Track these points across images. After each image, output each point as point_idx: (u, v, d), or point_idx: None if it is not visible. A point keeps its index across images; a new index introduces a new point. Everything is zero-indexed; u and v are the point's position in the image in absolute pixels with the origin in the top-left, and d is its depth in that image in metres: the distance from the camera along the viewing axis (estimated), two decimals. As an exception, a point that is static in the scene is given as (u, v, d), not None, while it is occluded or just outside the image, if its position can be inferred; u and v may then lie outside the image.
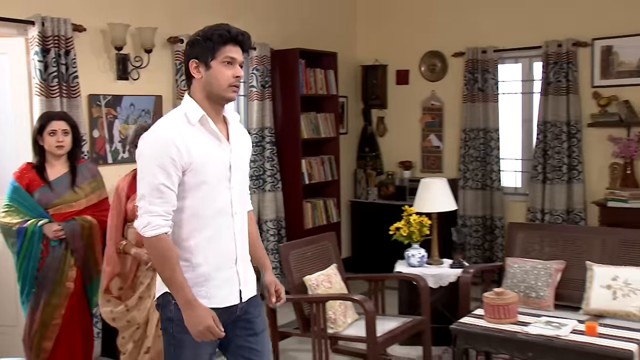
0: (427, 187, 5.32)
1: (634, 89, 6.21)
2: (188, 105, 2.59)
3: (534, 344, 3.80)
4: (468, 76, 6.95)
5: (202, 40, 2.55)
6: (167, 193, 2.48)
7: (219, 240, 2.60)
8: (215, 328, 2.51)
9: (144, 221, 2.49)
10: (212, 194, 2.57)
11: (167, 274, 2.51)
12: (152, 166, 2.48)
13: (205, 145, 2.56)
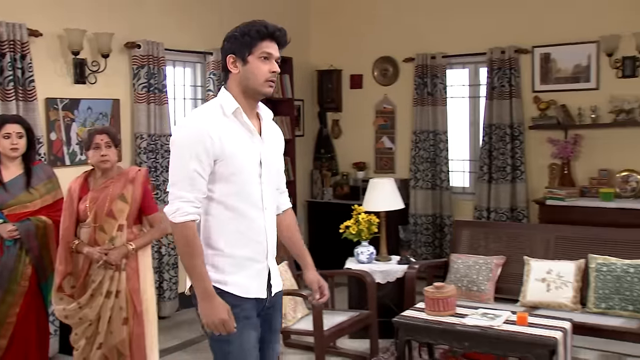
0: (375, 187, 5.41)
1: (570, 94, 6.38)
2: (224, 98, 2.56)
3: (470, 334, 3.90)
4: (418, 81, 7.06)
5: (239, 35, 2.54)
6: (198, 180, 2.46)
7: (250, 233, 2.56)
8: (229, 322, 2.46)
9: (174, 207, 2.46)
10: (243, 186, 2.53)
11: (190, 261, 2.47)
12: (185, 153, 2.46)
13: (237, 137, 2.53)
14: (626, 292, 4.56)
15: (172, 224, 2.48)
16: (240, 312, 2.53)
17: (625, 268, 4.63)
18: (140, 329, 3.79)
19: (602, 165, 6.25)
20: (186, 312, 6.17)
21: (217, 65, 6.38)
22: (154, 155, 5.84)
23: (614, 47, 6.12)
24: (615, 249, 4.80)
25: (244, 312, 2.55)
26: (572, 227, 5.20)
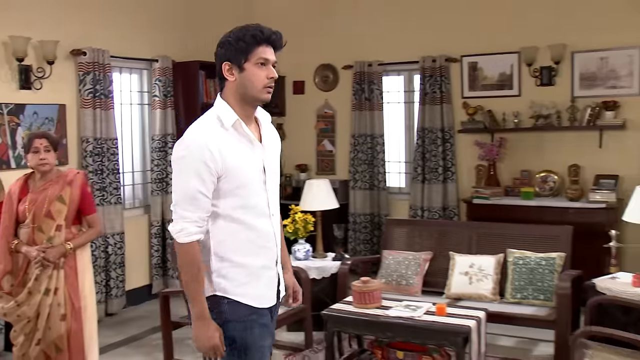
0: (311, 188, 5.52)
1: (496, 100, 6.61)
2: (221, 109, 2.41)
3: (392, 324, 4.03)
4: (356, 87, 7.20)
5: (234, 41, 2.38)
6: (201, 200, 2.33)
7: (260, 241, 2.46)
8: (220, 348, 2.36)
9: (178, 227, 2.35)
10: (250, 197, 2.41)
11: (191, 283, 2.36)
12: (187, 172, 2.32)
13: (239, 150, 2.39)
14: (538, 283, 4.77)
15: (177, 244, 2.37)
16: (257, 318, 2.45)
17: (538, 261, 4.84)
18: (78, 325, 3.81)
19: (524, 167, 6.49)
20: (133, 310, 6.20)
21: (163, 72, 6.42)
22: (99, 158, 5.84)
23: (532, 57, 6.36)
24: (531, 244, 5.00)
25: (262, 319, 2.47)
26: (493, 224, 5.39)
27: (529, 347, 4.96)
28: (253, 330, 2.42)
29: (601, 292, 4.44)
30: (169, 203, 6.51)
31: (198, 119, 2.46)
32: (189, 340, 5.10)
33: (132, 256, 6.28)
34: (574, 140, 6.29)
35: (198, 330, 2.36)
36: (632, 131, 6.08)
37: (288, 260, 2.80)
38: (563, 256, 4.85)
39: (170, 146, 6.50)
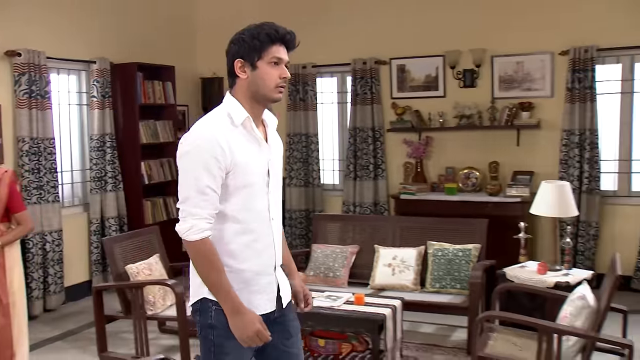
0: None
1: (422, 101, 6.81)
2: (232, 106, 2.31)
3: (313, 314, 4.10)
4: (291, 87, 7.30)
5: (248, 39, 2.28)
6: (211, 195, 2.20)
7: (259, 245, 2.34)
8: (263, 332, 2.25)
9: (187, 225, 2.21)
10: (253, 198, 2.31)
11: (214, 279, 2.23)
12: (196, 167, 2.19)
13: (247, 148, 2.29)
14: (455, 273, 4.96)
15: (187, 243, 2.23)
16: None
17: (455, 252, 5.04)
18: (6, 320, 3.82)
19: (449, 164, 6.70)
20: (72, 305, 6.18)
21: (101, 73, 6.41)
22: (36, 157, 5.80)
23: (456, 60, 6.58)
24: (449, 236, 5.20)
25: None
26: (416, 218, 5.57)
27: (447, 333, 5.15)
28: (233, 340, 2.28)
29: (510, 280, 4.67)
30: (108, 200, 6.54)
31: (206, 115, 2.34)
32: (123, 334, 5.16)
33: (71, 253, 6.25)
34: (494, 138, 6.54)
35: (237, 322, 2.24)
36: (545, 130, 6.36)
37: (293, 265, 2.66)
38: (478, 247, 5.06)
39: (108, 145, 6.50)
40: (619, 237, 6.24)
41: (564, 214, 4.68)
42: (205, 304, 2.31)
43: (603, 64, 6.24)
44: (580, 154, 6.17)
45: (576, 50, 6.10)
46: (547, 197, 4.67)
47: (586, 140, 6.15)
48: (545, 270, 4.62)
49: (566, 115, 6.17)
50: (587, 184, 6.15)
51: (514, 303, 4.74)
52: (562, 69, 6.25)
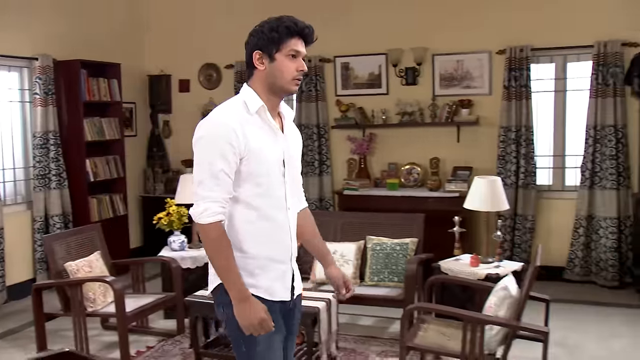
0: (185, 181, 5.62)
1: (366, 98, 6.92)
2: (247, 95, 2.34)
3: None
4: (238, 85, 7.32)
5: (267, 31, 2.31)
6: (225, 180, 2.22)
7: (275, 233, 2.36)
8: (267, 321, 2.25)
9: (201, 208, 2.22)
10: (267, 186, 2.33)
11: (222, 263, 2.24)
12: (211, 152, 2.21)
13: (262, 136, 2.31)
14: (393, 267, 5.08)
15: (200, 226, 2.24)
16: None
17: (393, 246, 5.15)
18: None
19: (391, 160, 6.84)
20: (15, 304, 6.10)
21: (44, 70, 6.34)
22: (-24, 155, 5.74)
23: (398, 59, 6.70)
24: (388, 231, 5.31)
25: (272, 315, 2.32)
26: (357, 213, 5.68)
27: (385, 326, 5.27)
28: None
29: (445, 272, 4.81)
30: (53, 198, 6.47)
31: (223, 103, 2.38)
32: (63, 332, 5.14)
33: (13, 251, 6.18)
34: (435, 135, 6.69)
35: (242, 310, 2.24)
36: (484, 127, 6.54)
37: (329, 254, 2.73)
38: (415, 241, 5.18)
39: (52, 143, 6.44)
40: (553, 230, 6.46)
41: (496, 208, 4.83)
42: (228, 296, 2.28)
43: (537, 63, 6.44)
44: (517, 150, 6.36)
45: (512, 50, 6.28)
46: (479, 192, 4.81)
47: (522, 137, 6.34)
48: (477, 262, 4.77)
49: (503, 112, 6.36)
50: (523, 179, 6.34)
51: (449, 295, 4.88)
52: (499, 67, 6.43)
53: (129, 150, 7.49)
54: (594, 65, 6.06)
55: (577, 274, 6.28)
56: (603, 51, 6.00)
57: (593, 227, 6.21)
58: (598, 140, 6.10)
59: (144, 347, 4.84)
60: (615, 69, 5.97)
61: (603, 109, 6.05)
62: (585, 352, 4.65)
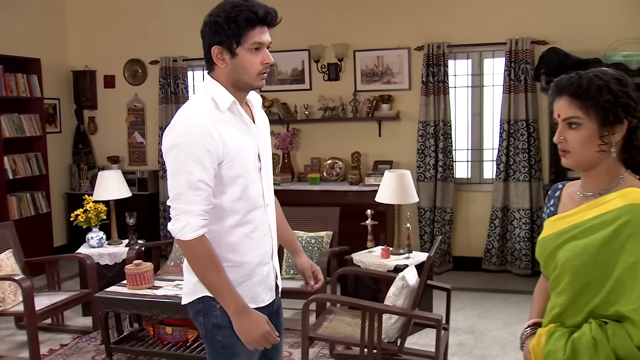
0: (104, 178, 5.58)
1: (289, 94, 6.99)
2: (215, 90, 2.11)
3: (156, 303, 4.22)
4: (162, 81, 7.33)
5: (224, 22, 2.03)
6: (204, 190, 2.03)
7: (257, 234, 2.20)
8: (272, 334, 2.11)
9: (182, 223, 2.02)
10: (247, 186, 2.14)
11: (213, 278, 2.06)
12: (187, 160, 2.00)
13: (236, 134, 2.11)
14: (308, 260, 5.17)
15: (182, 242, 2.05)
16: None
17: (309, 240, 5.25)
18: None
19: (315, 154, 6.93)
20: None
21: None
22: None
23: (320, 55, 6.79)
24: (304, 225, 5.41)
25: None
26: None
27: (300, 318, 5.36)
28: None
29: (357, 264, 4.93)
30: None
31: (188, 102, 2.14)
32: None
33: None
34: (358, 129, 6.81)
35: (242, 324, 2.09)
36: (404, 122, 6.69)
37: (297, 244, 2.54)
38: (330, 234, 5.29)
39: (-32, 140, 6.32)
40: (472, 221, 6.67)
41: (405, 201, 4.95)
42: (207, 303, 2.15)
43: (455, 59, 6.62)
44: (435, 144, 6.53)
45: (430, 46, 6.44)
46: (389, 186, 4.93)
47: (440, 131, 6.51)
48: (388, 254, 4.91)
49: (422, 107, 6.51)
50: (442, 172, 6.52)
51: (362, 286, 5.02)
52: (418, 63, 6.58)
53: (53, 147, 7.40)
54: (507, 61, 6.27)
55: (494, 263, 6.50)
56: (514, 48, 6.21)
57: (508, 218, 6.43)
58: (511, 134, 6.31)
59: (58, 345, 4.82)
60: (525, 66, 6.19)
61: (516, 104, 6.26)
62: (490, 338, 4.84)
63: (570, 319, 1.78)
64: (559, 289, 1.81)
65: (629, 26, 5.89)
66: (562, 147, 1.80)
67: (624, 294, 1.67)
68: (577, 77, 1.77)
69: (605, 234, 1.71)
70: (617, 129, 1.74)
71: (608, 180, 1.79)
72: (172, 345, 4.34)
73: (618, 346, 1.66)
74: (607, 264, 1.70)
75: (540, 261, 1.92)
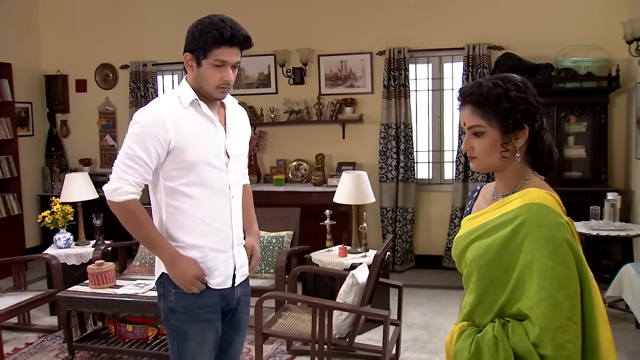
0: (71, 180, 5.60)
1: (256, 97, 7.07)
2: (182, 89, 2.34)
3: (116, 302, 4.26)
4: (133, 85, 7.37)
5: (197, 35, 2.25)
6: (141, 166, 2.25)
7: (216, 222, 2.36)
8: (202, 276, 2.32)
9: (113, 186, 2.26)
10: (208, 176, 2.32)
11: (144, 233, 2.29)
12: (134, 138, 2.25)
13: (197, 127, 2.31)
14: (269, 259, 5.25)
15: (112, 203, 2.28)
16: (201, 312, 2.36)
17: (270, 239, 5.33)
18: None
19: (280, 156, 7.01)
20: None
21: None
22: None
23: (285, 59, 6.88)
24: (266, 225, 5.48)
25: (206, 315, 2.37)
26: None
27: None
28: (194, 324, 2.35)
29: (315, 263, 5.02)
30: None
31: (161, 95, 2.38)
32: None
33: None
34: (322, 132, 6.91)
35: (174, 270, 2.30)
36: (367, 124, 6.80)
37: (253, 224, 2.72)
38: (291, 234, 5.37)
39: (-62, 144, 6.33)
40: (432, 221, 6.79)
41: (362, 201, 5.04)
42: (166, 287, 2.35)
43: (416, 64, 6.74)
44: (397, 146, 6.64)
45: (391, 51, 6.55)
46: (346, 187, 5.02)
47: (402, 133, 6.61)
48: (346, 253, 5.00)
49: (384, 110, 6.62)
50: (404, 173, 6.63)
51: (321, 284, 5.11)
52: (380, 68, 6.69)
53: (26, 149, 7.42)
54: (465, 66, 6.39)
55: (453, 261, 6.59)
56: (472, 53, 6.34)
57: (467, 217, 6.54)
58: (470, 136, 6.42)
59: (23, 344, 4.86)
60: (483, 70, 6.32)
61: (473, 107, 6.37)
62: (444, 333, 4.94)
63: (480, 318, 1.82)
64: (469, 287, 1.84)
65: (578, 33, 6.05)
66: (469, 154, 1.84)
67: (523, 293, 1.70)
68: (478, 86, 1.79)
69: (505, 234, 1.74)
70: (519, 135, 1.77)
71: (516, 181, 1.83)
72: (133, 343, 4.40)
73: (516, 343, 1.68)
74: (508, 263, 1.73)
75: (455, 260, 1.98)
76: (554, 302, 1.65)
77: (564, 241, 1.69)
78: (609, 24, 5.84)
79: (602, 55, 5.96)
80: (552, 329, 1.64)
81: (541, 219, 1.71)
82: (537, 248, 1.68)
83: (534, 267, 1.68)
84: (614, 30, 5.65)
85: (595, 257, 5.74)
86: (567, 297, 1.66)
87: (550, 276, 1.66)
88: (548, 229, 1.70)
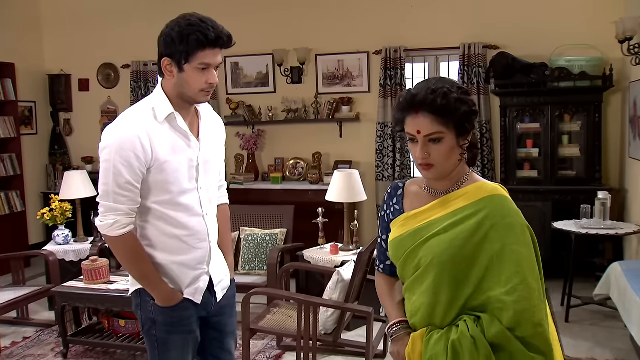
0: (70, 178, 5.69)
1: (254, 96, 7.12)
2: (157, 100, 2.21)
3: (107, 297, 4.33)
4: (134, 85, 7.45)
5: (177, 39, 2.11)
6: (132, 191, 2.15)
7: (192, 240, 2.27)
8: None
9: (110, 220, 2.15)
10: (179, 194, 2.22)
11: (141, 271, 2.23)
12: (117, 162, 2.10)
13: (171, 144, 2.19)
14: (263, 256, 5.30)
15: (110, 238, 2.19)
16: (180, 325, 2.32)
17: (263, 237, 5.38)
18: None
19: (278, 155, 7.06)
20: None
21: None
22: None
23: (282, 59, 6.92)
24: (261, 222, 5.54)
25: (186, 326, 2.32)
26: (234, 206, 5.82)
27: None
28: (176, 336, 2.31)
29: (308, 260, 5.06)
30: None
31: (131, 107, 2.24)
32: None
33: None
34: (320, 131, 6.94)
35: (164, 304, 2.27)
36: (364, 123, 6.83)
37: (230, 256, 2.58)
38: (285, 231, 5.42)
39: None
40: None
41: (353, 199, 5.08)
42: (143, 297, 2.28)
43: (412, 63, 6.76)
44: (393, 145, 6.67)
45: (387, 50, 6.57)
46: (338, 185, 5.06)
47: (398, 132, 6.63)
48: (337, 250, 5.04)
49: (380, 109, 6.65)
50: (400, 172, 6.65)
51: (313, 281, 5.16)
52: (376, 67, 6.72)
53: (30, 148, 7.52)
54: (461, 65, 6.41)
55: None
56: (468, 52, 6.35)
57: (462, 216, 6.55)
58: (465, 135, 6.44)
59: (21, 338, 4.94)
60: (478, 69, 6.33)
61: (469, 106, 6.38)
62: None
63: (441, 319, 1.79)
64: (423, 287, 1.80)
65: (572, 33, 6.04)
66: (424, 162, 1.80)
67: (493, 280, 1.73)
68: (431, 93, 1.75)
69: (469, 227, 1.76)
70: (469, 135, 1.82)
71: (457, 178, 1.86)
72: (125, 337, 4.46)
73: (494, 336, 1.70)
74: (471, 256, 1.75)
75: (397, 262, 1.91)
76: (529, 285, 1.73)
77: (526, 227, 1.80)
78: (602, 23, 5.82)
79: (596, 54, 5.95)
80: (530, 310, 1.71)
81: (504, 210, 1.79)
82: (505, 237, 1.75)
83: (504, 255, 1.74)
84: (607, 30, 5.64)
85: (588, 255, 5.74)
86: (535, 279, 1.76)
87: (521, 261, 1.74)
88: (512, 218, 1.79)
